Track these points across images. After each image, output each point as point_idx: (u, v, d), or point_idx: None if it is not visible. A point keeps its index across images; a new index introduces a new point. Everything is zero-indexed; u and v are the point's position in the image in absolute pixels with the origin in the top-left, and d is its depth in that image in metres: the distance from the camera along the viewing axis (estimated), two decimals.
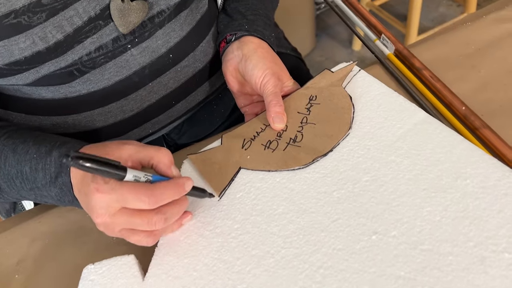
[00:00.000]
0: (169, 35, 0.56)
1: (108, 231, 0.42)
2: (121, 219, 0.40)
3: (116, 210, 0.40)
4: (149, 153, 0.42)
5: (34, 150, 0.46)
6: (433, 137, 0.48)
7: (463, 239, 0.40)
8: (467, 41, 0.63)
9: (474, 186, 0.44)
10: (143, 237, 0.42)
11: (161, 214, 0.41)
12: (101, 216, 0.40)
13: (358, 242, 0.42)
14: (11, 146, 0.48)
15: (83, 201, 0.43)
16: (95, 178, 0.40)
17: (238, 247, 0.44)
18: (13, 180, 0.48)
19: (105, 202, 0.39)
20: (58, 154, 0.45)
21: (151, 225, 0.41)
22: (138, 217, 0.40)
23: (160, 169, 0.43)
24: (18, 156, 0.47)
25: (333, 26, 1.94)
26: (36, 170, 0.46)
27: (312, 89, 0.56)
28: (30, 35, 0.46)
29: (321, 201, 0.45)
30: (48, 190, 0.47)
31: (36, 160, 0.46)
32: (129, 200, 0.39)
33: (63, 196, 0.46)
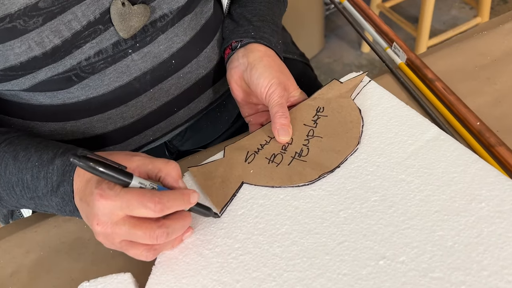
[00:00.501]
0: (172, 40, 0.54)
1: (107, 241, 0.41)
2: (123, 229, 0.39)
3: (119, 218, 0.39)
4: (157, 165, 0.41)
5: (36, 158, 0.45)
6: (446, 155, 0.46)
7: (476, 267, 0.38)
8: (482, 51, 0.61)
9: (490, 210, 0.41)
10: (143, 251, 0.41)
11: (164, 227, 0.39)
12: (103, 224, 0.39)
13: (365, 267, 0.40)
14: (12, 153, 0.46)
15: (84, 210, 0.41)
16: (100, 184, 0.39)
17: (239, 269, 0.42)
18: (13, 188, 0.46)
19: (109, 209, 0.38)
20: (61, 162, 0.44)
21: (152, 239, 0.39)
22: (140, 229, 0.39)
23: (168, 182, 0.42)
24: (19, 164, 0.45)
25: (342, 27, 1.91)
26: (38, 178, 0.45)
27: (319, 100, 0.53)
28: (26, 40, 0.44)
29: (326, 221, 0.43)
30: (49, 200, 0.45)
31: (38, 168, 0.45)
32: (134, 207, 0.38)
33: (64, 206, 0.45)
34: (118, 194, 0.38)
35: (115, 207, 0.38)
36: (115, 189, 0.38)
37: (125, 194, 0.38)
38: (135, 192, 0.38)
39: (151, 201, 0.38)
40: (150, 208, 0.38)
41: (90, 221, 0.41)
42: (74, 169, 0.43)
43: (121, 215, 0.39)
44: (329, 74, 1.71)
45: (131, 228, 0.39)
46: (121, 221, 0.39)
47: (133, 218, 0.39)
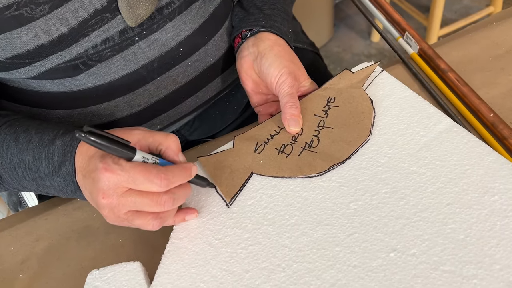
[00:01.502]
0: (180, 27, 0.53)
1: (113, 215, 0.41)
2: (129, 199, 0.39)
3: (124, 191, 0.39)
4: (158, 138, 0.42)
5: (37, 139, 0.45)
6: (459, 147, 0.45)
7: (488, 261, 0.38)
8: (497, 41, 0.59)
9: (503, 203, 0.41)
10: (150, 219, 0.41)
11: (170, 193, 0.40)
12: (108, 197, 0.39)
13: (375, 259, 0.39)
14: (13, 135, 0.46)
15: (88, 186, 0.41)
16: (104, 158, 0.39)
17: (248, 259, 0.42)
18: (15, 169, 0.46)
19: (114, 182, 0.39)
20: (61, 142, 0.44)
21: (160, 205, 0.40)
22: (147, 196, 0.40)
23: (168, 155, 0.42)
24: (20, 145, 0.46)
25: (352, 16, 1.88)
26: (39, 159, 0.45)
27: (330, 90, 0.53)
28: (33, 28, 0.44)
29: (336, 212, 0.43)
30: (51, 180, 0.45)
31: (39, 149, 0.45)
32: (139, 182, 0.38)
33: (66, 186, 0.45)
34: (124, 168, 0.38)
35: (120, 181, 0.39)
36: (120, 163, 0.39)
37: (131, 169, 0.38)
38: (141, 168, 0.39)
39: (158, 178, 0.39)
40: (157, 184, 0.39)
41: (95, 196, 0.41)
42: (75, 149, 0.43)
43: (126, 188, 0.39)
44: (338, 64, 1.69)
45: (137, 197, 0.39)
46: (127, 193, 0.39)
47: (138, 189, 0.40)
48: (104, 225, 0.50)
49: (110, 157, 0.39)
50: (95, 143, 0.37)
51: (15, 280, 0.48)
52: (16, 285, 0.47)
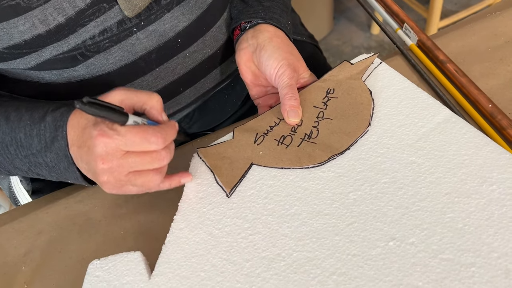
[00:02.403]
0: (178, 18, 0.53)
1: (113, 179, 0.42)
2: (129, 160, 0.41)
3: (123, 154, 0.40)
4: (142, 98, 0.42)
5: (27, 117, 0.46)
6: (457, 137, 0.46)
7: (487, 249, 0.38)
8: (495, 32, 0.59)
9: (501, 192, 0.41)
10: (153, 175, 0.42)
11: (167, 148, 0.42)
12: (108, 161, 0.40)
13: (374, 248, 0.40)
14: (4, 114, 0.47)
15: (85, 156, 0.42)
16: (98, 125, 0.40)
17: (248, 248, 0.42)
18: (7, 147, 0.47)
19: (111, 147, 0.40)
20: (52, 118, 0.45)
21: (160, 161, 0.42)
22: (147, 155, 0.41)
23: (153, 115, 0.43)
24: (12, 124, 0.46)
25: (352, 9, 1.88)
26: (31, 136, 0.45)
27: (329, 82, 0.53)
28: (30, 18, 0.44)
29: (336, 202, 0.43)
30: (44, 156, 0.46)
31: (30, 126, 0.45)
32: (137, 143, 0.40)
33: (58, 162, 0.45)
34: (119, 133, 0.39)
35: (118, 145, 0.39)
36: (115, 128, 0.40)
37: (127, 133, 0.39)
38: (136, 130, 0.40)
39: (155, 136, 0.40)
40: (155, 143, 0.40)
41: (93, 164, 0.41)
42: (65, 123, 0.44)
43: (124, 151, 0.40)
44: (338, 57, 1.69)
45: (137, 157, 0.41)
46: (126, 155, 0.41)
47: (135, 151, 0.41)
48: (105, 218, 0.51)
49: (104, 124, 0.40)
50: (94, 112, 0.38)
51: (18, 272, 0.48)
52: (19, 278, 0.48)
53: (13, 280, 0.48)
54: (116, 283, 0.42)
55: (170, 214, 0.47)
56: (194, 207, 0.46)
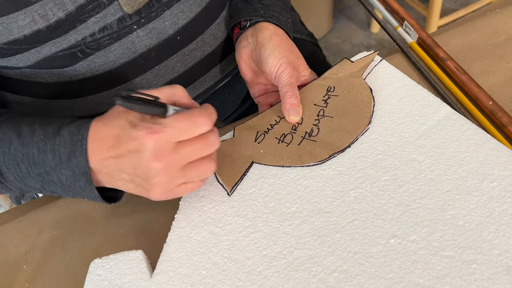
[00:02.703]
0: (177, 16, 0.53)
1: (169, 176, 0.40)
2: (182, 152, 0.39)
3: (173, 146, 0.39)
4: (168, 91, 0.41)
5: (40, 131, 0.43)
6: (458, 134, 0.46)
7: (487, 246, 0.38)
8: (496, 29, 0.59)
9: (502, 189, 0.41)
10: (207, 163, 0.41)
11: (214, 131, 0.41)
12: (162, 157, 0.38)
13: (375, 246, 0.40)
14: (15, 129, 0.44)
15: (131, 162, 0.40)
16: (137, 125, 0.38)
17: (249, 246, 0.42)
18: (19, 165, 0.44)
19: (163, 142, 0.38)
20: (67, 132, 0.42)
21: (211, 146, 0.40)
22: (197, 142, 0.40)
23: (184, 103, 0.42)
24: (24, 139, 0.43)
25: (351, 7, 1.88)
26: (45, 152, 0.42)
27: (330, 80, 0.53)
28: (30, 12, 0.44)
29: (337, 200, 0.43)
30: (58, 173, 0.42)
31: (44, 141, 0.42)
32: (187, 129, 0.39)
33: (74, 181, 0.42)
34: (166, 124, 0.38)
35: (168, 137, 0.38)
36: (159, 121, 0.38)
37: (174, 121, 0.38)
38: (182, 116, 0.39)
39: (202, 117, 0.39)
40: (204, 123, 0.39)
41: (145, 166, 0.39)
42: (85, 137, 0.41)
43: (174, 143, 0.39)
44: (338, 55, 1.69)
45: (188, 146, 0.39)
46: (177, 147, 0.39)
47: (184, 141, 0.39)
48: (106, 216, 0.51)
49: (145, 121, 0.39)
50: (135, 107, 0.36)
51: (19, 271, 0.48)
52: (20, 276, 0.48)
53: (14, 279, 0.48)
54: (117, 281, 0.42)
55: (171, 212, 0.47)
56: (195, 205, 0.46)
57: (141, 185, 0.41)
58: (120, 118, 0.40)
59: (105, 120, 0.41)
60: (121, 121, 0.40)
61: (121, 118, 0.40)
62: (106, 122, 0.41)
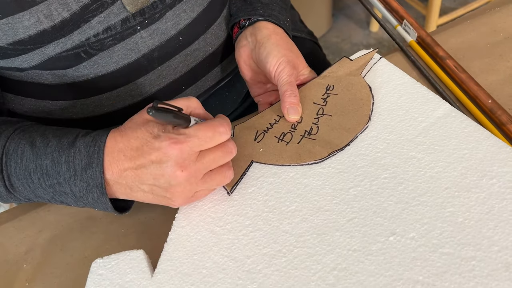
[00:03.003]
0: (179, 16, 0.53)
1: (190, 185, 0.41)
2: (204, 161, 0.41)
3: (196, 156, 0.40)
4: (183, 103, 0.43)
5: (55, 142, 0.43)
6: (457, 132, 0.46)
7: (487, 243, 0.38)
8: (495, 28, 0.60)
9: (501, 186, 0.41)
10: (226, 170, 0.43)
11: (231, 140, 0.43)
12: (186, 167, 0.40)
13: (375, 243, 0.40)
14: (28, 139, 0.44)
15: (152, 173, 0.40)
16: (161, 136, 0.39)
17: (249, 245, 0.42)
18: (31, 176, 0.43)
19: (186, 152, 0.39)
20: (83, 144, 0.42)
21: (230, 153, 0.42)
22: (218, 150, 0.41)
23: (200, 114, 0.44)
24: (37, 150, 0.43)
25: (351, 6, 1.88)
26: (59, 163, 0.42)
27: (329, 78, 0.53)
28: (35, 13, 0.44)
29: (336, 198, 0.44)
30: (72, 185, 0.42)
31: (59, 152, 0.42)
32: (209, 138, 0.40)
33: (87, 193, 0.42)
34: (189, 134, 0.39)
35: (192, 147, 0.39)
36: (182, 131, 0.40)
37: (196, 132, 0.40)
38: (204, 126, 0.40)
39: (222, 126, 0.41)
40: (225, 133, 0.41)
41: (168, 176, 0.40)
42: (102, 149, 0.41)
43: (197, 152, 0.40)
44: (337, 54, 1.69)
45: (210, 154, 0.41)
46: (200, 156, 0.41)
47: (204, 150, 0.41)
48: (106, 215, 0.51)
49: (168, 132, 0.40)
50: (165, 117, 0.38)
51: (20, 270, 0.48)
52: (20, 275, 0.48)
53: (15, 278, 0.48)
54: (119, 281, 0.42)
55: (171, 212, 0.47)
56: (195, 205, 0.46)
57: (161, 195, 0.42)
58: (138, 130, 0.41)
59: (122, 132, 0.42)
60: (141, 133, 0.41)
61: (140, 129, 0.41)
62: (124, 134, 0.41)
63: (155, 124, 0.41)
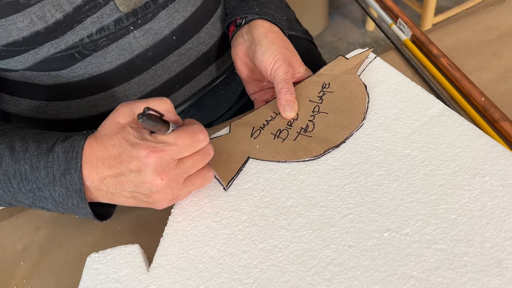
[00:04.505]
0: (172, 16, 0.53)
1: (171, 190, 0.41)
2: (184, 166, 0.41)
3: (176, 162, 0.40)
4: (157, 105, 0.41)
5: (34, 147, 0.42)
6: (451, 130, 0.46)
7: (479, 239, 0.39)
8: (488, 26, 0.60)
9: (493, 183, 0.42)
10: (206, 172, 0.44)
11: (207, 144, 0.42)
12: (167, 174, 0.40)
13: (370, 239, 0.40)
14: (8, 144, 0.43)
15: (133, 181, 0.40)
16: (139, 145, 0.39)
17: (245, 240, 0.43)
18: (10, 180, 0.43)
19: (166, 160, 0.39)
20: (61, 150, 0.41)
21: (208, 155, 0.43)
22: (196, 154, 0.42)
23: (171, 117, 0.42)
24: (16, 155, 0.42)
25: (347, 5, 1.88)
26: (38, 168, 0.42)
27: (325, 76, 0.53)
28: (28, 14, 0.44)
29: (332, 194, 0.44)
30: (52, 190, 0.42)
31: (37, 158, 0.42)
32: (189, 146, 0.40)
33: (67, 198, 0.42)
34: (169, 142, 0.39)
35: (171, 155, 0.39)
36: (159, 139, 0.39)
37: (175, 140, 0.39)
38: (183, 133, 0.40)
39: (201, 133, 0.41)
40: (203, 140, 0.41)
41: (149, 184, 0.40)
42: (79, 155, 0.41)
43: (176, 160, 0.40)
44: (333, 53, 1.70)
45: (190, 160, 0.41)
46: (180, 162, 0.41)
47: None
48: None
49: (143, 139, 0.39)
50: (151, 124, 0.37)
51: (17, 267, 0.48)
52: (17, 273, 0.48)
53: (12, 276, 0.48)
54: (114, 275, 0.43)
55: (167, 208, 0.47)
56: (191, 200, 0.46)
57: (144, 200, 0.42)
58: (115, 137, 0.40)
59: (98, 139, 0.41)
60: (117, 140, 0.40)
61: (117, 137, 0.40)
62: (100, 141, 0.41)
63: (130, 130, 0.40)
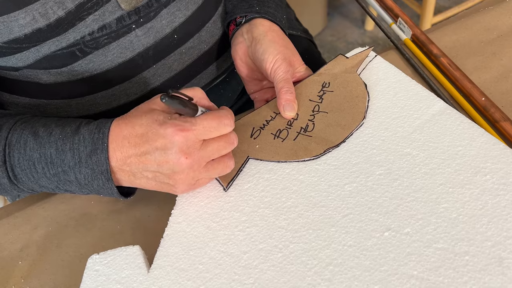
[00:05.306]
0: (174, 14, 0.53)
1: (193, 172, 0.42)
2: (208, 149, 0.42)
3: (201, 144, 0.41)
4: (189, 93, 0.43)
5: (58, 131, 0.43)
6: (452, 129, 0.46)
7: (480, 238, 0.39)
8: (488, 26, 0.60)
9: (494, 182, 0.42)
10: (227, 160, 0.44)
11: (233, 132, 0.44)
12: (191, 154, 0.40)
13: (370, 239, 0.40)
14: (31, 129, 0.44)
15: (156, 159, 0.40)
16: (167, 123, 0.40)
17: (245, 241, 0.42)
18: (35, 165, 0.43)
19: (191, 139, 0.40)
20: (87, 131, 0.42)
21: (232, 144, 0.43)
22: (221, 140, 0.42)
23: (204, 104, 0.44)
24: (41, 139, 0.43)
25: (346, 5, 1.88)
26: (63, 151, 0.42)
27: (325, 76, 0.53)
28: (30, 11, 0.44)
29: (332, 194, 0.44)
30: (77, 172, 0.42)
31: (63, 140, 0.42)
32: (214, 128, 0.41)
33: (92, 180, 0.43)
34: (195, 123, 0.40)
35: (197, 135, 0.40)
36: (188, 120, 0.40)
37: (202, 121, 0.40)
38: (210, 116, 0.41)
39: (227, 118, 0.41)
40: (229, 125, 0.42)
41: (173, 162, 0.40)
42: (106, 136, 0.41)
43: (201, 141, 0.41)
44: (333, 53, 1.70)
45: (214, 143, 0.42)
46: (204, 144, 0.41)
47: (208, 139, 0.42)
48: (102, 212, 0.51)
49: (174, 119, 0.40)
50: (177, 105, 0.38)
51: (15, 267, 0.48)
52: (15, 272, 0.48)
53: (10, 275, 0.48)
54: (115, 277, 0.42)
55: (167, 208, 0.47)
56: (191, 201, 0.46)
57: (164, 182, 0.43)
58: (144, 117, 0.41)
59: (126, 119, 0.42)
60: (146, 120, 0.41)
61: (146, 117, 0.41)
62: (128, 121, 0.42)
63: (161, 112, 0.41)
